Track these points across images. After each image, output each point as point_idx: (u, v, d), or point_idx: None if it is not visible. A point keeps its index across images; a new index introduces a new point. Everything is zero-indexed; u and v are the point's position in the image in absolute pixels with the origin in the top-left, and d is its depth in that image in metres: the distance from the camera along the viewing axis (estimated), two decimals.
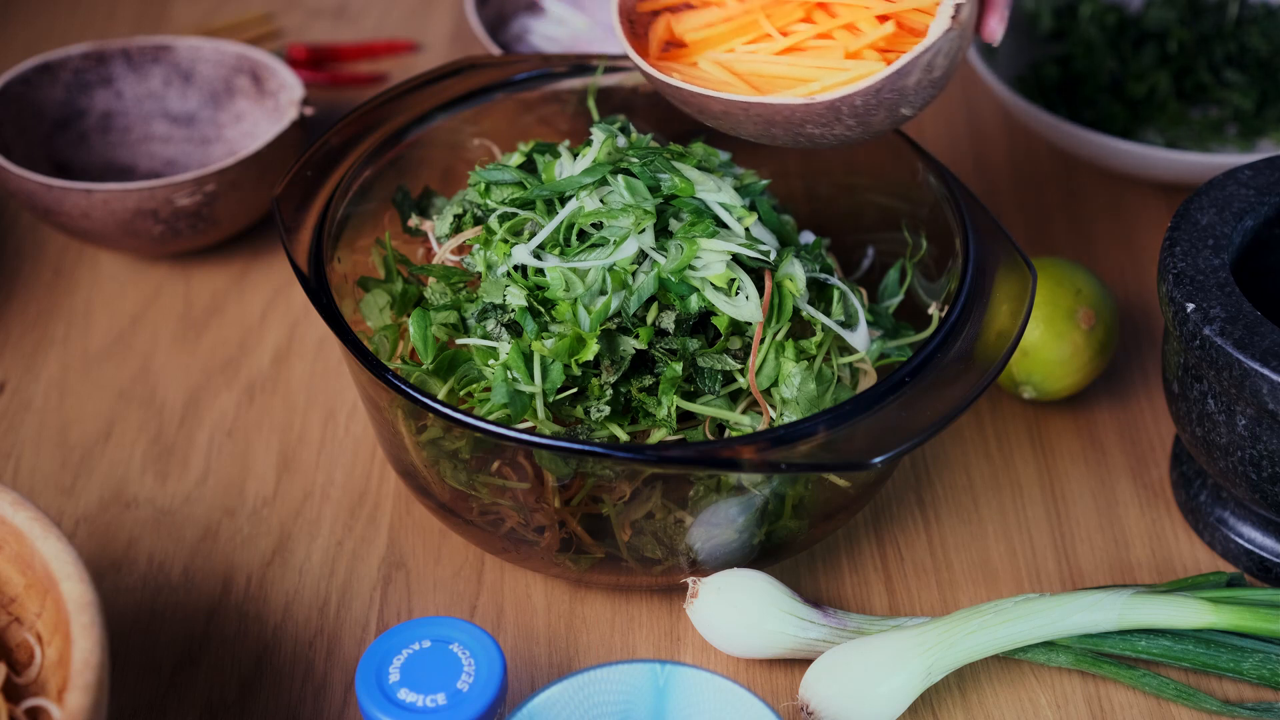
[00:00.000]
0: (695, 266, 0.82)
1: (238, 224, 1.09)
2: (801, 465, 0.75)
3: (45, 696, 0.73)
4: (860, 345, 0.85)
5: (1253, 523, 0.90)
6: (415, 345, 0.83)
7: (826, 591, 0.89)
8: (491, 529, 0.84)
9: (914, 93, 0.81)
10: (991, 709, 0.83)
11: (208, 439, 0.98)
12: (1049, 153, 1.21)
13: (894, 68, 0.79)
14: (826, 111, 0.81)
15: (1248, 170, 0.90)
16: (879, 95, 0.80)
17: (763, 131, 0.84)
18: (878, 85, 0.79)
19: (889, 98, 0.80)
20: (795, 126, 0.82)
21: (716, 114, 0.84)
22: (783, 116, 0.82)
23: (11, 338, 1.05)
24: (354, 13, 1.37)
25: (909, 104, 0.82)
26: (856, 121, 0.82)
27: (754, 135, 0.85)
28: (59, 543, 0.73)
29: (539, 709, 0.73)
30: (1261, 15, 1.24)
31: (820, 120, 0.82)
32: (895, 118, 0.83)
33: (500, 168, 0.88)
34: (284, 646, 0.86)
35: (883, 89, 0.80)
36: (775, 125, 0.83)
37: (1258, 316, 0.81)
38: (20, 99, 1.12)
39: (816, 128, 0.82)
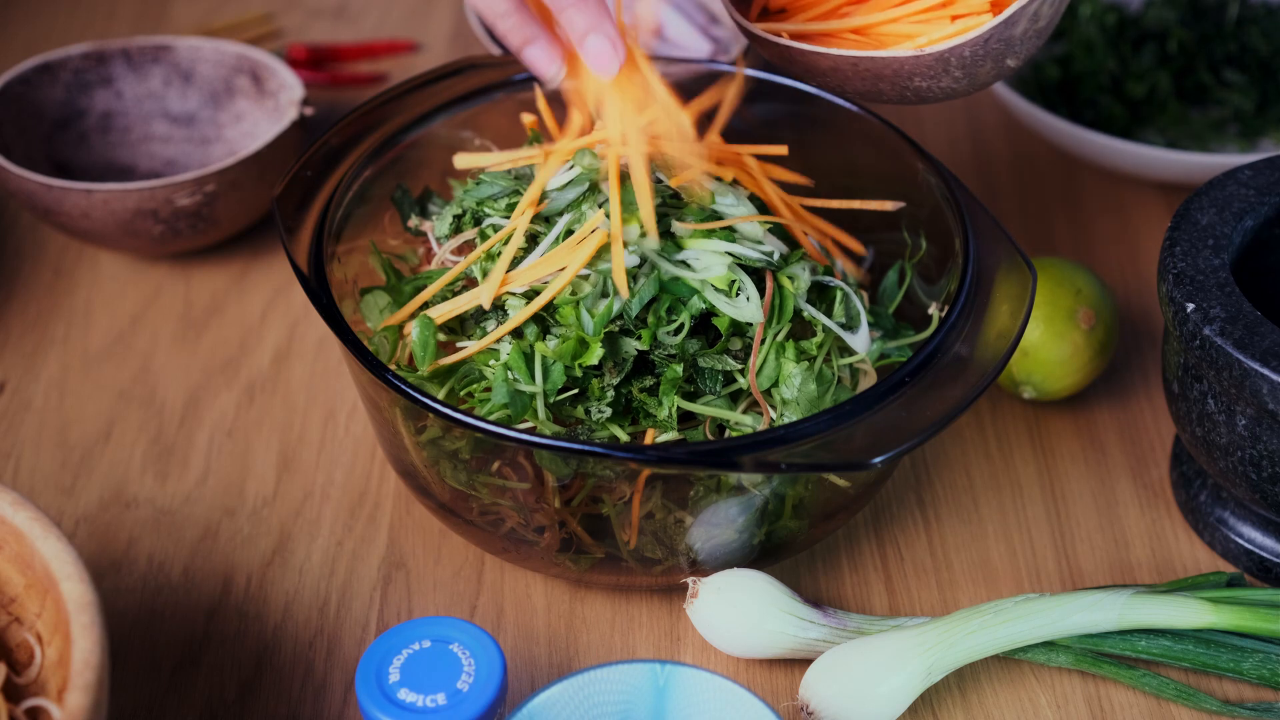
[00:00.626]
0: (695, 268, 0.82)
1: (238, 224, 1.09)
2: (801, 465, 0.75)
3: (45, 696, 0.73)
4: (861, 347, 0.85)
5: (1253, 523, 0.90)
6: (414, 351, 0.83)
7: (826, 591, 0.89)
8: (491, 529, 0.84)
9: (1020, 43, 0.81)
10: (991, 709, 0.83)
11: (208, 439, 0.98)
12: (1049, 153, 1.21)
13: (1002, 17, 0.79)
14: (935, 64, 0.81)
15: (1248, 170, 0.90)
16: (987, 45, 0.80)
17: (869, 88, 0.84)
18: (986, 35, 0.79)
19: (996, 48, 0.80)
20: (903, 80, 0.82)
21: (824, 70, 0.84)
22: (891, 70, 0.82)
23: (11, 338, 1.05)
24: (354, 13, 1.37)
25: (1014, 54, 0.81)
26: (964, 73, 0.81)
27: (860, 92, 0.85)
28: (59, 543, 0.73)
29: (539, 709, 0.73)
30: (1261, 15, 1.24)
31: (929, 73, 0.81)
32: (1001, 69, 0.82)
33: (490, 180, 0.88)
34: (284, 646, 0.86)
35: (991, 39, 0.79)
36: (883, 80, 0.83)
37: (1258, 316, 0.81)
38: (20, 99, 1.12)
39: (924, 80, 0.82)
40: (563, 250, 0.82)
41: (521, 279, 0.82)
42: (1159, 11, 1.24)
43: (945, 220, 0.89)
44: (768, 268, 0.83)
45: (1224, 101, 1.21)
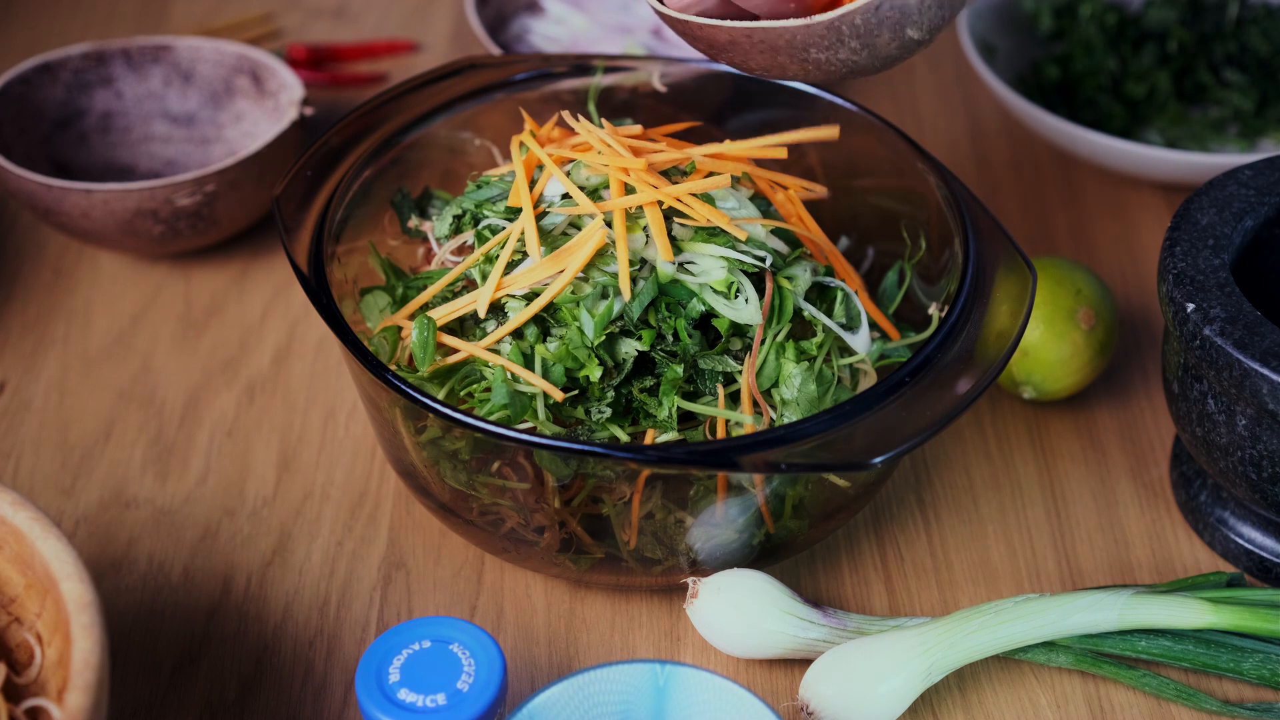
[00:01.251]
0: (694, 271, 0.82)
1: (238, 224, 1.09)
2: (801, 465, 0.75)
3: (45, 696, 0.73)
4: (861, 347, 0.85)
5: (1253, 523, 0.90)
6: (414, 352, 0.83)
7: (826, 591, 0.89)
8: (491, 529, 0.84)
9: (918, 12, 0.79)
10: (991, 709, 0.83)
11: (208, 439, 0.98)
12: (1049, 153, 1.21)
13: None
14: (827, 33, 0.80)
15: (1248, 170, 0.90)
16: (879, 13, 0.79)
17: (770, 61, 0.83)
18: (877, 2, 0.78)
19: (890, 15, 0.79)
20: (799, 52, 0.81)
21: (724, 45, 0.84)
22: (785, 41, 0.81)
23: (11, 338, 1.05)
24: (354, 13, 1.37)
25: (915, 25, 0.80)
26: (860, 44, 0.80)
27: (764, 68, 0.84)
28: (59, 543, 0.73)
29: (539, 709, 0.73)
30: (1261, 15, 1.24)
31: (822, 43, 0.80)
32: (904, 41, 0.81)
33: (489, 184, 0.88)
34: (284, 646, 0.86)
35: (882, 5, 0.78)
36: (780, 53, 0.82)
37: (1258, 316, 0.81)
38: (20, 99, 1.12)
39: (821, 52, 0.81)
40: (562, 254, 0.82)
41: (521, 282, 0.82)
42: (1159, 11, 1.24)
43: (945, 220, 0.89)
44: (768, 269, 0.83)
45: (1224, 101, 1.21)
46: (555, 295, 0.81)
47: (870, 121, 0.94)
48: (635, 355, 0.81)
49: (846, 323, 0.86)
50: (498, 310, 0.84)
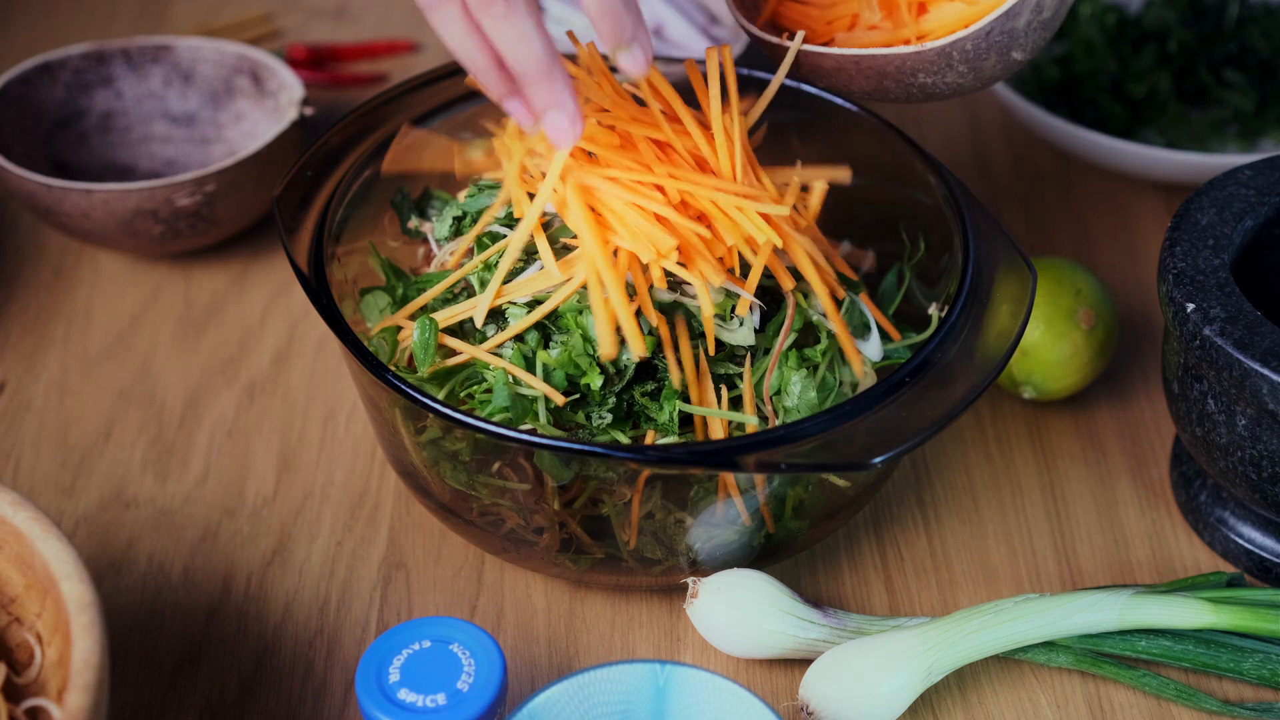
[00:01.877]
0: (689, 294, 0.82)
1: (238, 224, 1.09)
2: (801, 465, 0.75)
3: (45, 696, 0.73)
4: (873, 354, 0.85)
5: (1253, 523, 0.90)
6: (415, 352, 0.83)
7: (826, 591, 0.89)
8: (491, 529, 0.84)
9: (1024, 35, 0.81)
10: (991, 709, 0.83)
11: (208, 439, 0.98)
12: (1049, 153, 1.21)
13: (1003, 9, 0.79)
14: (938, 59, 0.80)
15: (1248, 170, 0.90)
16: (989, 38, 0.80)
17: (875, 86, 0.84)
18: (987, 28, 0.79)
19: (999, 40, 0.80)
20: (907, 77, 0.82)
21: (828, 71, 0.84)
22: (894, 67, 0.81)
23: (11, 338, 1.05)
24: (354, 13, 1.37)
25: (1020, 47, 0.81)
26: (968, 68, 0.81)
27: (866, 92, 0.85)
28: (59, 543, 0.73)
29: (539, 709, 0.73)
30: (1261, 15, 1.24)
31: (932, 68, 0.81)
32: (1007, 62, 0.82)
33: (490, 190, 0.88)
34: (284, 646, 0.86)
35: (992, 31, 0.79)
36: (887, 78, 0.82)
37: (1258, 316, 0.81)
38: (20, 99, 1.12)
39: (929, 76, 0.82)
40: (566, 264, 0.82)
41: (521, 290, 0.82)
42: (1159, 12, 1.24)
43: (945, 220, 0.89)
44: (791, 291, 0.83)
45: (1224, 101, 1.21)
46: (560, 303, 0.81)
47: (870, 121, 0.94)
48: (636, 362, 0.81)
49: (853, 330, 0.86)
50: (497, 315, 0.83)
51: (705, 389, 0.82)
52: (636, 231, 0.80)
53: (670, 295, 0.82)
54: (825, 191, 0.87)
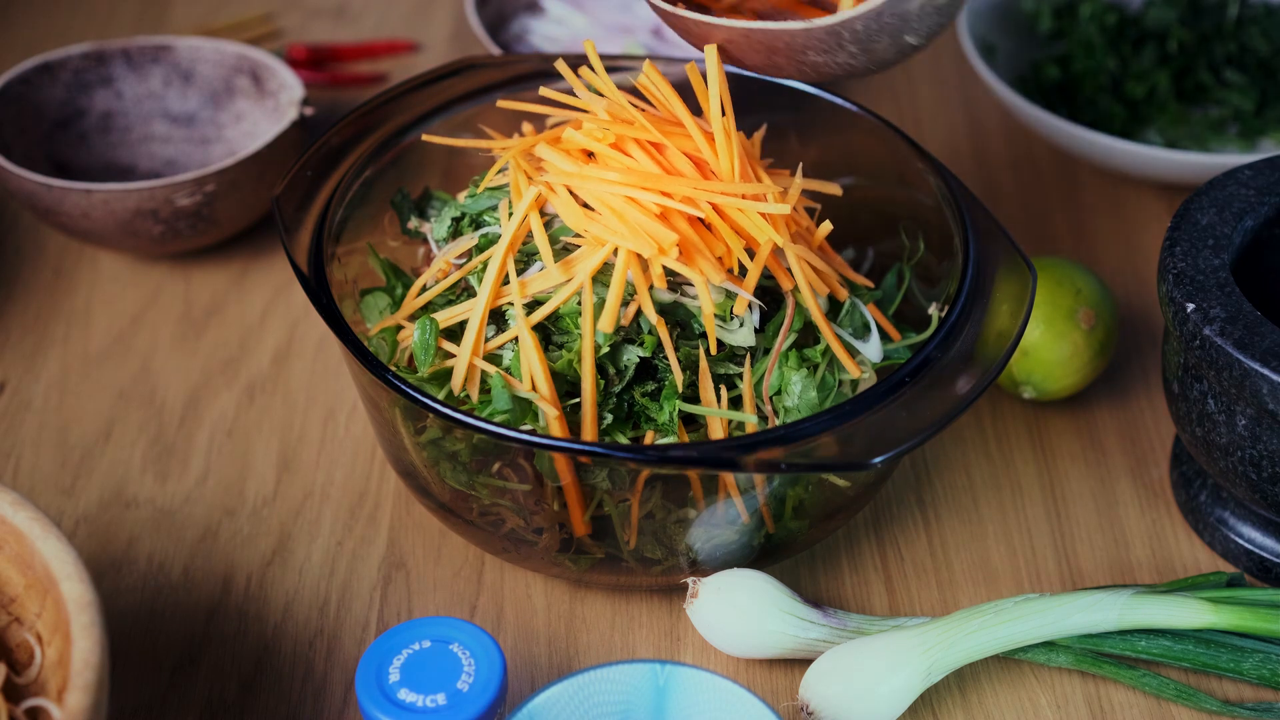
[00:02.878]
0: (689, 294, 0.82)
1: (238, 224, 1.09)
2: (801, 465, 0.75)
3: (45, 696, 0.73)
4: (873, 356, 0.85)
5: (1253, 523, 0.90)
6: (415, 353, 0.83)
7: (826, 591, 0.89)
8: (491, 529, 0.84)
9: (917, 19, 0.80)
10: (991, 709, 0.83)
11: (208, 439, 0.98)
12: (1049, 153, 1.21)
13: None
14: (827, 37, 0.80)
15: (1248, 170, 0.90)
16: (880, 20, 0.79)
17: (766, 61, 0.83)
18: (878, 9, 0.78)
19: (891, 23, 0.79)
20: (797, 54, 0.81)
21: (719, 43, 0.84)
22: (784, 43, 0.81)
23: (11, 338, 1.05)
24: (354, 13, 1.37)
25: (913, 32, 0.80)
26: (859, 49, 0.81)
27: (759, 67, 0.84)
28: (59, 543, 0.73)
29: (539, 709, 0.73)
30: (1261, 15, 1.24)
31: (822, 46, 0.80)
32: (901, 46, 0.81)
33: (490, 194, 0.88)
34: (284, 646, 0.86)
35: (884, 13, 0.78)
36: (778, 53, 0.82)
37: (1258, 316, 0.81)
38: (20, 99, 1.12)
39: (819, 55, 0.81)
40: (567, 264, 0.82)
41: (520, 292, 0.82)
42: (1159, 11, 1.24)
43: (945, 220, 0.89)
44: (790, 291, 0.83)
45: (1224, 101, 1.21)
46: (561, 304, 0.81)
47: (870, 121, 0.94)
48: (637, 362, 0.81)
49: (854, 332, 0.86)
50: (498, 316, 0.83)
51: (705, 389, 0.82)
52: (636, 227, 0.80)
53: (670, 295, 0.82)
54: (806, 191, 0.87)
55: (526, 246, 0.84)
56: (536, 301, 0.82)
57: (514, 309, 0.82)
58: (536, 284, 0.82)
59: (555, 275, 0.81)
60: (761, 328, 0.84)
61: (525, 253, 0.84)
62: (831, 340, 0.83)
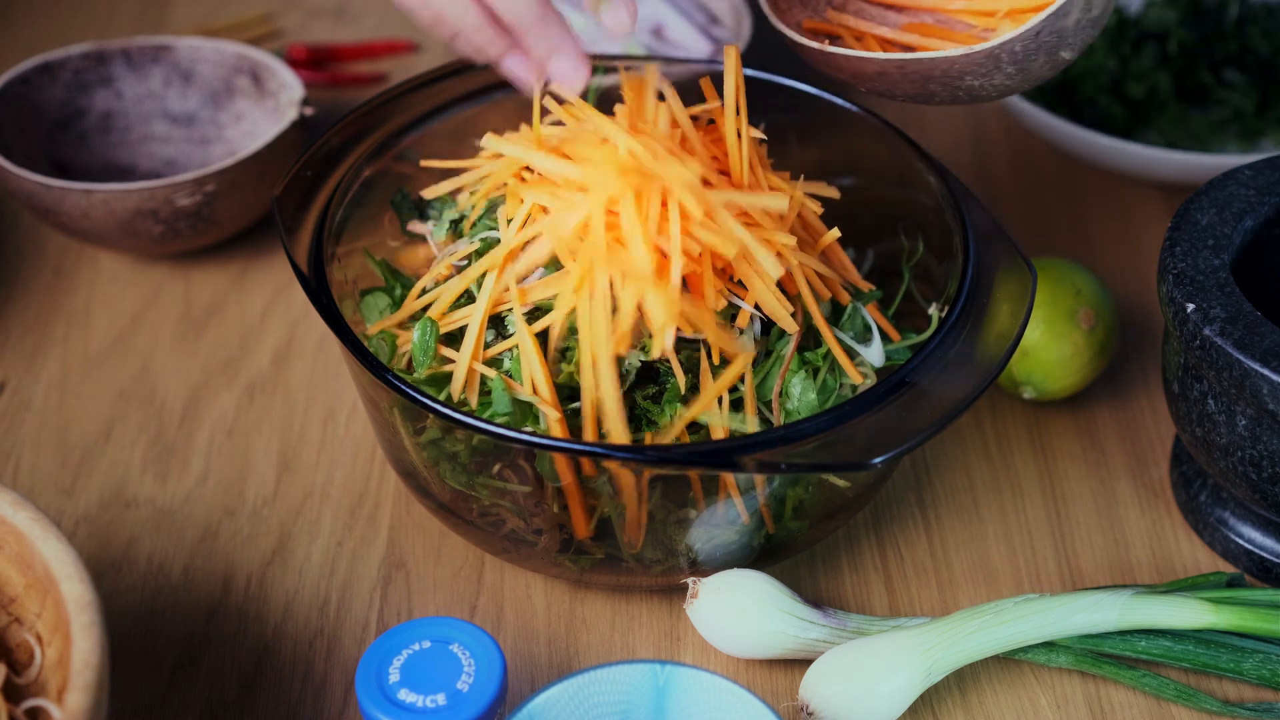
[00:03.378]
0: None
1: (238, 224, 1.09)
2: (801, 465, 0.75)
3: (45, 697, 0.73)
4: (875, 360, 0.85)
5: (1253, 523, 0.90)
6: (414, 354, 0.83)
7: (826, 591, 0.89)
8: (491, 529, 0.84)
9: (1073, 34, 0.79)
10: (991, 709, 0.83)
11: (208, 439, 0.98)
12: (1049, 153, 1.21)
13: (1053, 9, 0.77)
14: (986, 61, 0.79)
15: (1248, 170, 0.90)
16: (1038, 39, 0.78)
17: (920, 90, 0.82)
18: (1037, 28, 0.77)
19: (1048, 40, 0.78)
20: (954, 80, 0.81)
21: (871, 76, 0.82)
22: (940, 70, 0.80)
23: (11, 338, 1.05)
24: (354, 13, 1.37)
25: (1069, 46, 0.80)
26: (1016, 69, 0.80)
27: (911, 95, 0.83)
28: (59, 543, 0.73)
29: (539, 709, 0.73)
30: (1261, 15, 1.24)
31: (979, 70, 0.80)
32: (1055, 62, 0.80)
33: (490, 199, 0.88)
34: (284, 646, 0.86)
35: (1042, 32, 0.78)
36: (933, 81, 0.81)
37: (1258, 316, 0.81)
38: (20, 99, 1.12)
39: (976, 79, 0.80)
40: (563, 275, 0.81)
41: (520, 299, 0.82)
42: (1159, 12, 1.24)
43: (945, 221, 0.89)
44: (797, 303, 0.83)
45: (1224, 101, 1.21)
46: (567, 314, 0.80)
47: (870, 122, 0.94)
48: (639, 366, 0.81)
49: (855, 335, 0.86)
50: (498, 321, 0.83)
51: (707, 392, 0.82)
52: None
53: None
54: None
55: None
56: (536, 307, 0.82)
57: (513, 315, 0.82)
58: (536, 292, 0.82)
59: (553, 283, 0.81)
60: (765, 331, 0.84)
61: None
62: (833, 345, 0.84)
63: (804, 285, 0.83)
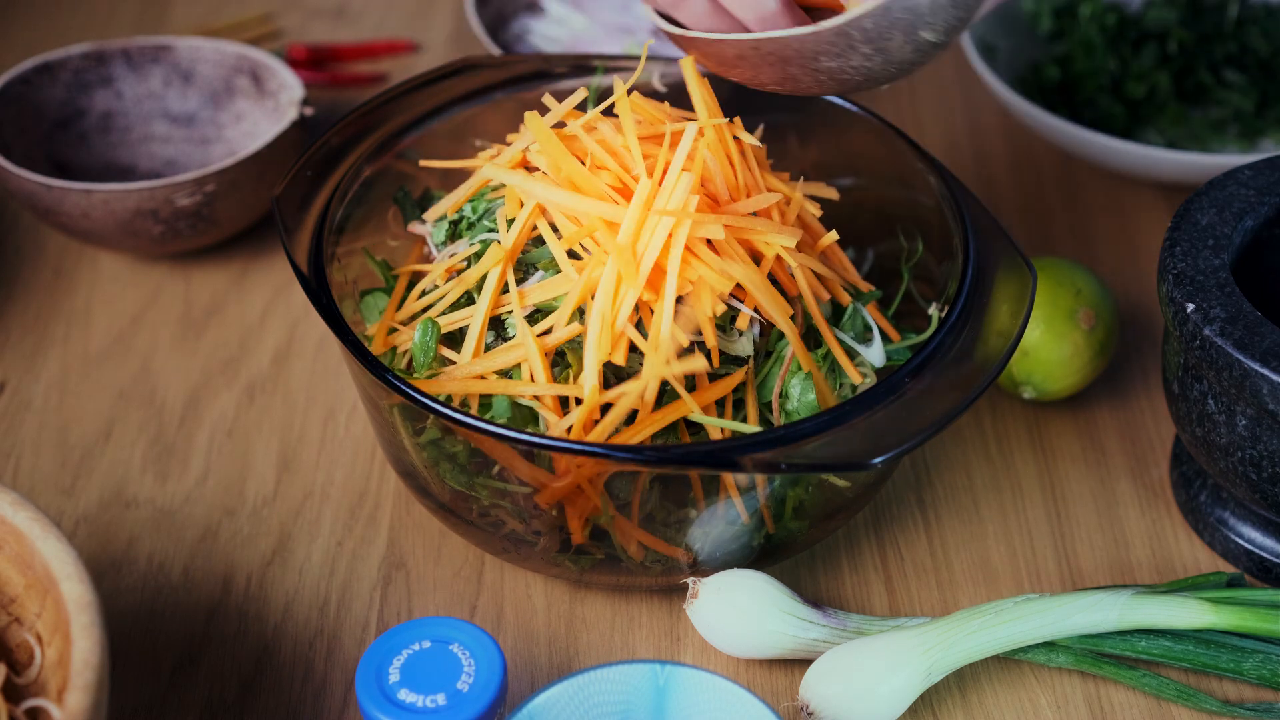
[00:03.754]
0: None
1: (238, 224, 1.09)
2: (801, 465, 0.75)
3: (45, 697, 0.73)
4: (876, 360, 0.85)
5: (1253, 523, 0.90)
6: (414, 353, 0.83)
7: (826, 591, 0.89)
8: (491, 529, 0.84)
9: (930, 13, 0.76)
10: (991, 709, 0.83)
11: (208, 439, 0.98)
12: (1049, 153, 1.21)
13: None
14: (837, 39, 0.77)
15: (1248, 170, 0.90)
16: (889, 15, 0.76)
17: (782, 74, 0.80)
18: (885, 4, 0.75)
19: (902, 18, 0.76)
20: (810, 61, 0.79)
21: (733, 61, 0.81)
22: (794, 51, 0.78)
23: (11, 338, 1.05)
24: (354, 13, 1.37)
25: (928, 26, 0.77)
26: (873, 49, 0.77)
27: (777, 81, 0.81)
28: (59, 543, 0.73)
29: (539, 709, 0.73)
30: (1261, 15, 1.24)
31: (833, 50, 0.77)
32: (918, 43, 0.78)
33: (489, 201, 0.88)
34: (284, 646, 0.86)
35: (892, 7, 0.75)
36: (790, 64, 0.79)
37: (1258, 316, 0.81)
38: (20, 99, 1.12)
39: (832, 60, 0.78)
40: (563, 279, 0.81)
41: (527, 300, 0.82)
42: (1159, 12, 1.24)
43: (945, 221, 0.89)
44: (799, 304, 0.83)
45: (1224, 101, 1.21)
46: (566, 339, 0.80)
47: (870, 122, 0.94)
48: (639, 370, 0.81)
49: (856, 335, 0.86)
50: (497, 323, 0.83)
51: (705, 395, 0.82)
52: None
53: None
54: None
55: (526, 256, 0.84)
56: (536, 309, 0.82)
57: (513, 318, 0.82)
58: (535, 294, 0.82)
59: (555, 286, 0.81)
60: (764, 333, 0.84)
61: (524, 262, 0.84)
62: (833, 346, 0.84)
63: (805, 286, 0.83)
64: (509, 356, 0.81)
